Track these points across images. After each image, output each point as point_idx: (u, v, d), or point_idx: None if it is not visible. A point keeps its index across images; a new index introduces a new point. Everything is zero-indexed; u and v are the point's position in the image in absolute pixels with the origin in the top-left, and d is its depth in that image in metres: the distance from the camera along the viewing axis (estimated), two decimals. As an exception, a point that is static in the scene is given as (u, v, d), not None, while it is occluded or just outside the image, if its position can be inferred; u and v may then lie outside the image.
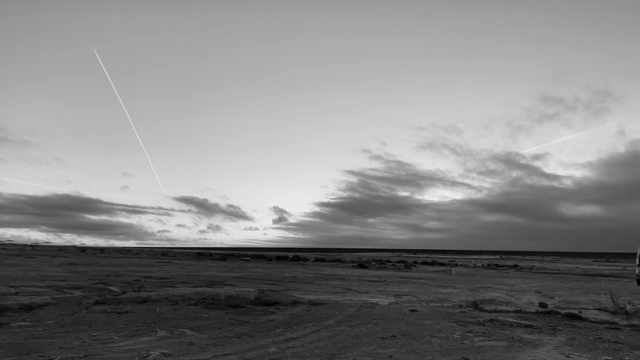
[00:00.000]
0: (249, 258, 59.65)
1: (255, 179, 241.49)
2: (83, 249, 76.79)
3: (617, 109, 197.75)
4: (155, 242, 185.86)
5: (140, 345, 7.57)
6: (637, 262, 24.17)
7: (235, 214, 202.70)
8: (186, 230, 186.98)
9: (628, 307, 12.85)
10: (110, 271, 26.65)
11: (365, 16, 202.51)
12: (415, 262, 62.78)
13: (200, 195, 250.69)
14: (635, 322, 11.14)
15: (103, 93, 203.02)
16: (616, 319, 11.64)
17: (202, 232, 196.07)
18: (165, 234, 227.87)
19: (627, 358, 7.47)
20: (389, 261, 62.60)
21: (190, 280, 21.44)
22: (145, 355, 6.81)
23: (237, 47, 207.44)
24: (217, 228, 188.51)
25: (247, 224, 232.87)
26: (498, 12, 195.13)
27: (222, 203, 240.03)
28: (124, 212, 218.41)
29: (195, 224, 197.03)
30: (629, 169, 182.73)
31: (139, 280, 20.50)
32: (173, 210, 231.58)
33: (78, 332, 8.64)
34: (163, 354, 6.89)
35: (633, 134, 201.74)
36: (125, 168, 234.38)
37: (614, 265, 66.10)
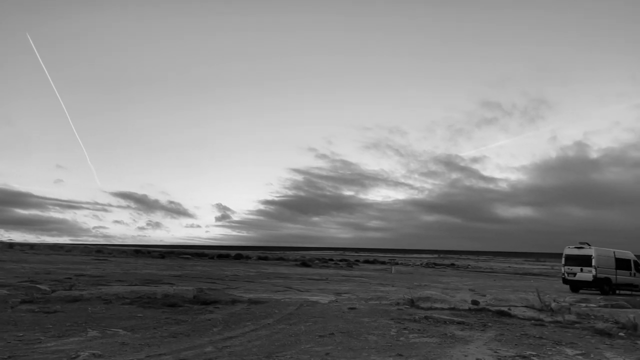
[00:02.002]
0: (189, 256, 58.30)
1: (198, 176, 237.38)
2: (11, 245, 72.26)
3: (551, 116, 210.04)
4: (91, 239, 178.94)
5: (69, 346, 7.25)
6: (563, 262, 25.70)
7: (176, 210, 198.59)
8: (124, 227, 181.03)
9: (553, 305, 13.65)
10: (40, 269, 25.35)
11: (314, 13, 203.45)
12: (357, 261, 63.79)
13: (139, 191, 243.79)
14: (559, 318, 11.83)
15: (37, 81, 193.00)
16: (542, 316, 12.32)
17: (141, 228, 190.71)
18: (102, 230, 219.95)
19: (550, 352, 7.92)
20: (331, 260, 63.21)
21: (126, 279, 20.78)
22: (74, 356, 6.53)
23: (183, 41, 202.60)
24: (156, 225, 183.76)
25: (189, 221, 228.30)
26: (443, 15, 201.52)
27: (163, 199, 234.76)
28: (57, 207, 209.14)
29: (134, 220, 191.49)
30: (559, 174, 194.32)
31: (70, 278, 19.64)
32: (110, 205, 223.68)
33: (2, 332, 8.16)
34: (93, 354, 6.63)
35: (564, 140, 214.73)
36: (59, 161, 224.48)
37: (543, 265, 69.99)
